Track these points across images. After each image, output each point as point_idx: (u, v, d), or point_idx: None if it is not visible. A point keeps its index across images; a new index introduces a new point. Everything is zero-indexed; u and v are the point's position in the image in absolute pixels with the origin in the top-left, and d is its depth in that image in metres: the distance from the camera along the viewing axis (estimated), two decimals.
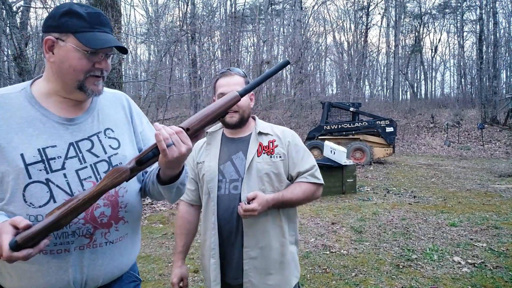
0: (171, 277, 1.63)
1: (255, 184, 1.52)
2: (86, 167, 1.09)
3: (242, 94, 1.07)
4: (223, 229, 1.54)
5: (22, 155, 1.02)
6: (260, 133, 1.60)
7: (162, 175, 1.10)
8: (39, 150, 1.04)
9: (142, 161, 1.01)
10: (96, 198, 0.95)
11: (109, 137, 1.16)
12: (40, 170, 1.03)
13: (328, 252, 4.04)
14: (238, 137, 1.63)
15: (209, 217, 1.57)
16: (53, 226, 0.92)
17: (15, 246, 0.89)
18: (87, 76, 1.06)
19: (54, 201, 1.03)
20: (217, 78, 1.64)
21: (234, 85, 1.55)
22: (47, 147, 1.05)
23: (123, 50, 1.12)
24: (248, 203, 1.44)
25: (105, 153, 1.13)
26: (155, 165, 1.15)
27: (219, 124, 1.68)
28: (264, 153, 1.57)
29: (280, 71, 1.13)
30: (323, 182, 1.65)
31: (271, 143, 1.59)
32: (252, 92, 1.63)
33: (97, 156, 1.12)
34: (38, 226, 0.91)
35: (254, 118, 1.69)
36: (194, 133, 1.03)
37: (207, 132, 1.68)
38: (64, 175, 1.06)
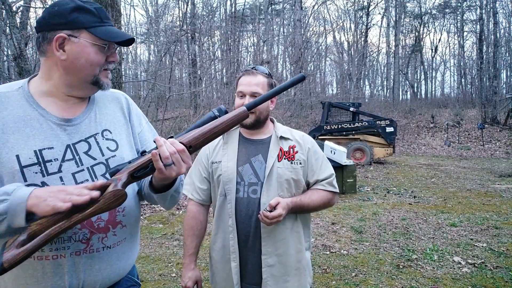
0: (183, 280, 1.57)
1: (275, 190, 1.51)
2: (83, 170, 1.06)
3: (250, 108, 1.07)
4: (240, 232, 1.52)
5: (17, 156, 0.98)
6: (281, 137, 1.58)
7: (155, 183, 1.08)
8: (35, 151, 1.01)
9: (137, 176, 0.98)
10: (88, 218, 0.93)
11: (107, 139, 1.13)
12: (36, 172, 0.99)
13: (328, 252, 4.03)
14: (257, 139, 1.60)
15: (224, 219, 1.55)
16: (42, 246, 0.88)
17: (1, 270, 0.83)
18: (102, 70, 1.07)
19: None
20: (240, 75, 1.61)
21: (255, 85, 1.53)
22: (44, 148, 1.02)
23: (128, 43, 1.13)
24: (270, 211, 1.42)
25: (103, 155, 1.10)
26: None
27: None
28: (284, 159, 1.55)
29: (291, 83, 1.13)
30: (338, 191, 1.65)
31: (291, 149, 1.57)
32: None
33: (94, 159, 1.09)
34: (28, 247, 0.86)
35: (272, 121, 1.67)
36: (196, 150, 1.02)
37: None
38: (61, 178, 1.02)
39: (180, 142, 0.99)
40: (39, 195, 0.89)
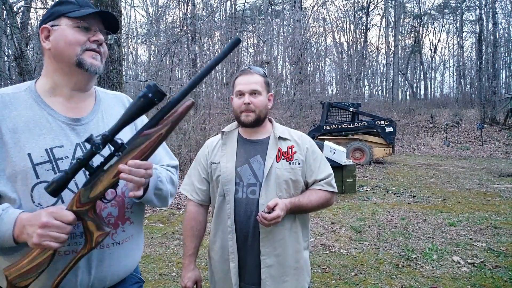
0: (183, 281, 1.58)
1: (273, 190, 1.51)
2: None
3: (196, 81, 0.99)
4: (238, 232, 1.53)
5: (29, 154, 1.01)
6: (279, 138, 1.58)
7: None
8: (46, 150, 1.03)
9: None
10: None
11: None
12: (48, 170, 1.02)
13: (327, 252, 4.05)
14: (256, 139, 1.60)
15: (223, 219, 1.55)
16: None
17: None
18: (84, 50, 1.08)
19: (62, 201, 1.03)
20: (236, 76, 1.62)
21: (254, 83, 1.54)
22: (54, 147, 1.05)
23: (115, 29, 1.14)
24: (268, 212, 1.42)
25: None
26: None
27: (235, 124, 1.65)
28: (283, 159, 1.55)
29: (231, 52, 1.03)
30: (337, 191, 1.65)
31: (290, 149, 1.57)
32: (271, 93, 1.62)
33: (104, 157, 1.10)
34: (29, 263, 0.93)
35: (271, 121, 1.67)
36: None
37: (223, 132, 1.65)
38: None
39: (135, 156, 0.97)
40: (23, 224, 0.94)
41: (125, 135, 1.19)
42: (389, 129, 11.20)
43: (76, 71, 1.09)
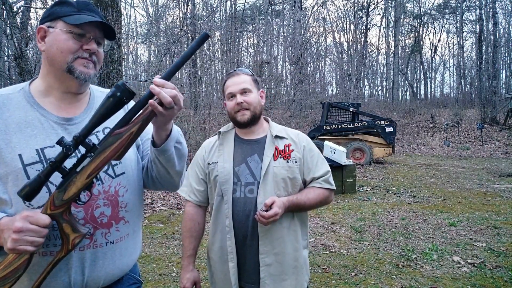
0: (182, 282, 1.59)
1: (271, 189, 1.51)
2: None
3: (165, 78, 0.97)
4: (237, 232, 1.52)
5: (20, 155, 1.01)
6: (276, 137, 1.59)
7: (156, 138, 1.07)
8: (37, 150, 1.03)
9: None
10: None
11: None
12: (39, 170, 1.01)
13: (327, 252, 4.05)
14: (253, 139, 1.61)
15: (222, 219, 1.55)
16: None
17: None
18: (76, 58, 1.06)
19: None
20: (224, 81, 1.63)
21: (243, 82, 1.56)
22: (46, 147, 1.04)
23: (111, 36, 1.12)
24: (266, 210, 1.42)
25: None
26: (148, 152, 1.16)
27: (231, 124, 1.66)
28: (280, 158, 1.55)
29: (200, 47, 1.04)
30: (335, 188, 1.66)
31: (287, 147, 1.58)
32: (261, 89, 1.64)
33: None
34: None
35: (267, 120, 1.68)
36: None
37: (219, 132, 1.65)
38: None
39: (107, 156, 0.96)
40: (1, 228, 0.93)
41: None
42: (389, 129, 11.20)
43: (66, 77, 1.08)
